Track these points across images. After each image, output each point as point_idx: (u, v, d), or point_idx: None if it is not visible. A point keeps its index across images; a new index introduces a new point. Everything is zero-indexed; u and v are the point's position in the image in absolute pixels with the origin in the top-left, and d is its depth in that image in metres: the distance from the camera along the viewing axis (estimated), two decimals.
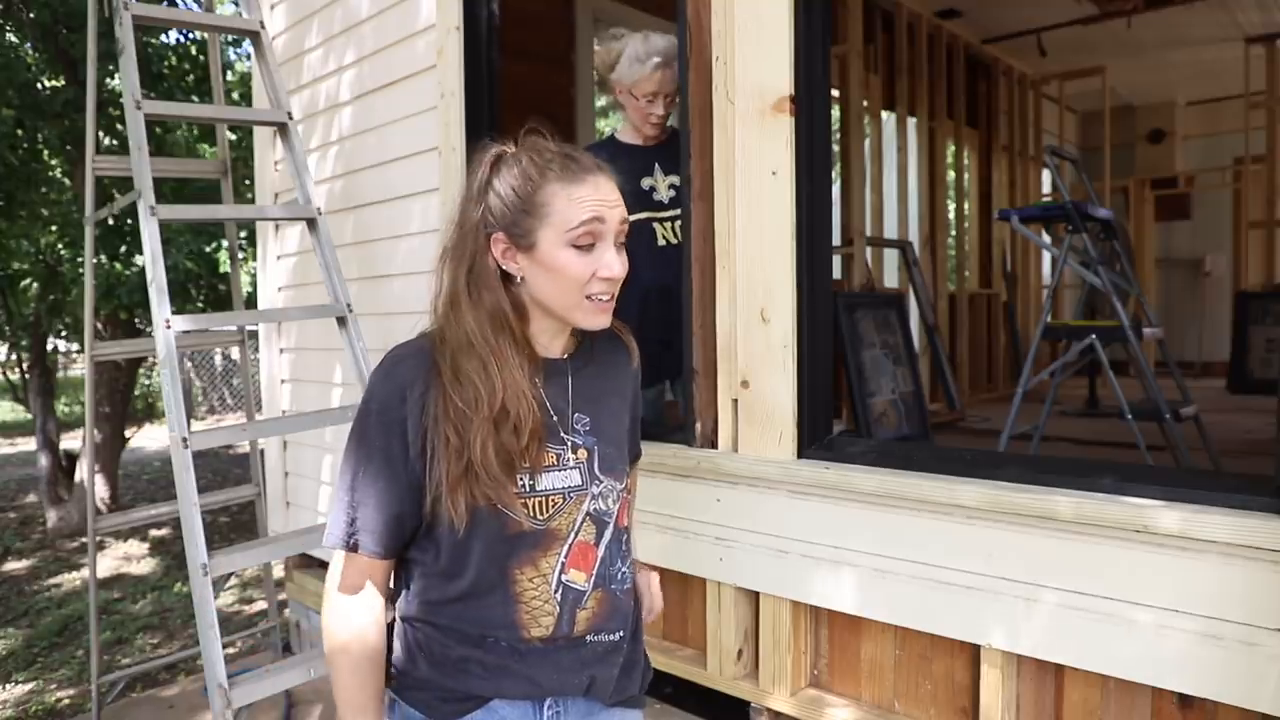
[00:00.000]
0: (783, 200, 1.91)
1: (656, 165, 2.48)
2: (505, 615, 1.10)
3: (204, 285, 6.34)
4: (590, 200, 1.11)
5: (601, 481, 1.16)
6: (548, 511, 1.11)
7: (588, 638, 1.14)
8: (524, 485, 1.09)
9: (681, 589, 2.24)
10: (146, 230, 2.35)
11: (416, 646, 1.14)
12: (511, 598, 1.10)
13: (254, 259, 5.22)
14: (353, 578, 1.12)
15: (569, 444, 1.14)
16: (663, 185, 2.47)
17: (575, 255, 1.10)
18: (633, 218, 2.44)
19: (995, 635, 1.64)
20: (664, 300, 2.35)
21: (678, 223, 2.41)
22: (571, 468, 1.14)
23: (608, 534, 1.16)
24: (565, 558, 1.12)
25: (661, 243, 2.46)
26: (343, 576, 1.13)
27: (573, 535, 1.13)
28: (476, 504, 1.06)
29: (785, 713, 1.98)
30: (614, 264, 1.13)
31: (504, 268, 1.11)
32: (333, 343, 2.95)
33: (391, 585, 1.19)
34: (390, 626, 1.19)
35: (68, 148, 5.98)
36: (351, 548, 1.11)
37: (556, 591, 1.11)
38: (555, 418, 1.14)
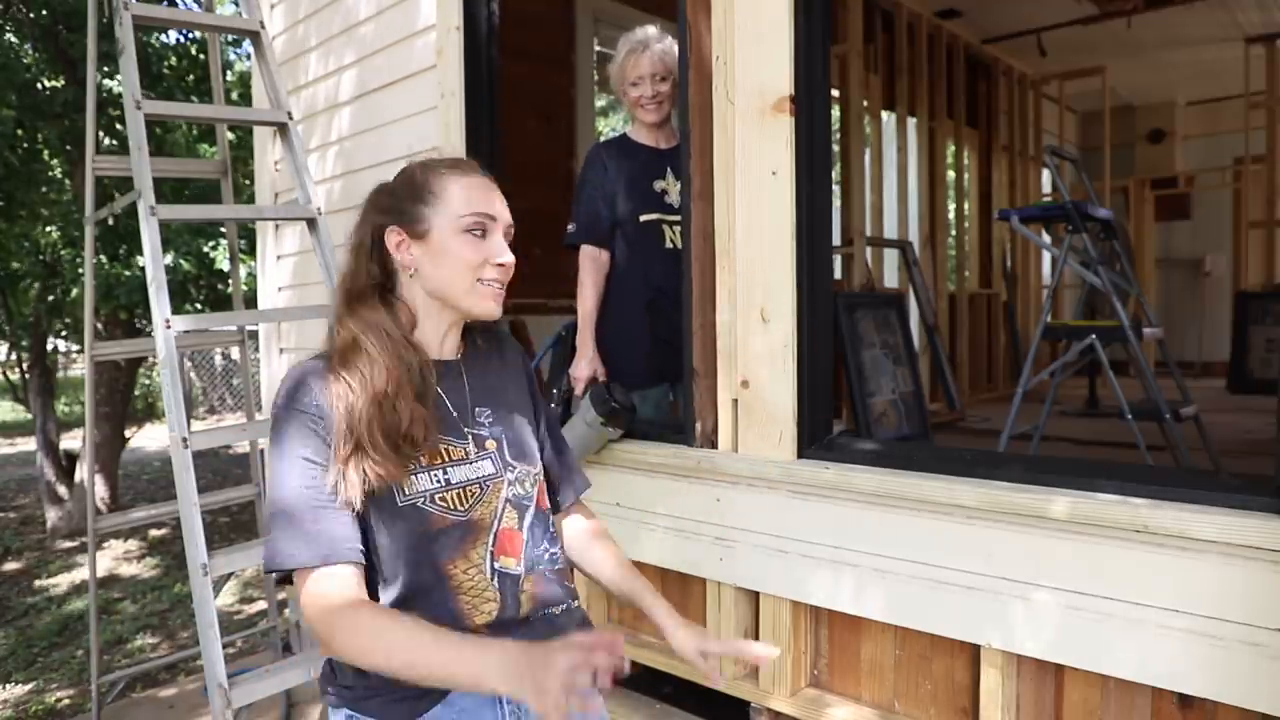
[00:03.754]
0: (783, 200, 1.91)
1: (669, 169, 2.47)
2: (449, 609, 1.11)
3: (204, 285, 6.35)
4: (480, 194, 1.19)
5: (515, 468, 1.21)
6: (467, 502, 1.15)
7: (532, 617, 1.18)
8: (439, 481, 1.14)
9: (681, 589, 2.24)
10: (146, 230, 2.35)
11: None
12: (450, 591, 1.12)
13: (253, 259, 5.22)
14: (321, 594, 1.06)
15: (472, 437, 1.19)
16: (674, 189, 2.45)
17: (468, 241, 1.17)
18: (643, 219, 2.45)
19: (995, 635, 1.64)
20: (669, 301, 2.34)
21: None
22: (482, 458, 1.19)
23: (529, 517, 1.21)
24: (494, 545, 1.16)
25: (669, 245, 2.45)
26: (332, 593, 1.05)
27: (496, 523, 1.17)
28: (371, 484, 1.07)
29: (785, 713, 1.98)
30: (506, 252, 1.19)
31: (399, 261, 1.18)
32: None
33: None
34: None
35: (68, 148, 5.99)
36: (334, 562, 1.06)
37: (493, 579, 1.15)
38: (455, 414, 1.19)
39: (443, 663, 0.98)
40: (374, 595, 1.12)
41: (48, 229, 7.10)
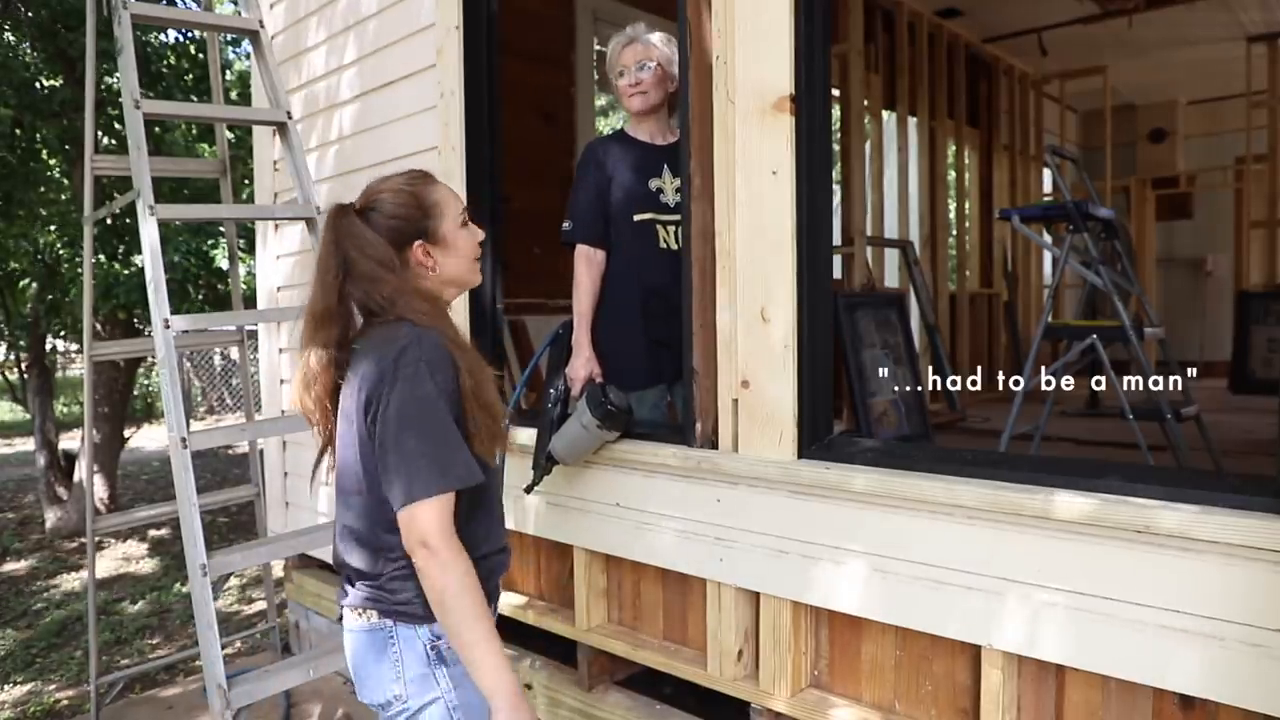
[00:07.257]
0: (783, 200, 1.91)
1: (666, 167, 2.44)
2: (498, 527, 1.50)
3: (203, 285, 6.33)
4: (456, 195, 1.49)
5: None
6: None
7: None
8: None
9: (681, 589, 2.24)
10: (145, 230, 2.35)
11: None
12: (498, 518, 1.51)
13: (252, 258, 5.22)
14: (449, 518, 1.30)
15: None
16: (670, 188, 2.44)
17: (465, 231, 1.48)
18: (637, 218, 2.44)
19: (996, 635, 1.63)
20: (664, 303, 2.33)
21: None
22: None
23: None
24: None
25: (664, 246, 2.43)
26: (444, 519, 1.29)
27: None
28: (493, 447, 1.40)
29: (786, 713, 1.97)
30: (481, 232, 1.53)
31: (424, 266, 1.42)
32: None
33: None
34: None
35: (66, 147, 5.98)
36: (454, 486, 1.30)
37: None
38: None
39: (487, 648, 1.27)
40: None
41: (46, 228, 7.08)
